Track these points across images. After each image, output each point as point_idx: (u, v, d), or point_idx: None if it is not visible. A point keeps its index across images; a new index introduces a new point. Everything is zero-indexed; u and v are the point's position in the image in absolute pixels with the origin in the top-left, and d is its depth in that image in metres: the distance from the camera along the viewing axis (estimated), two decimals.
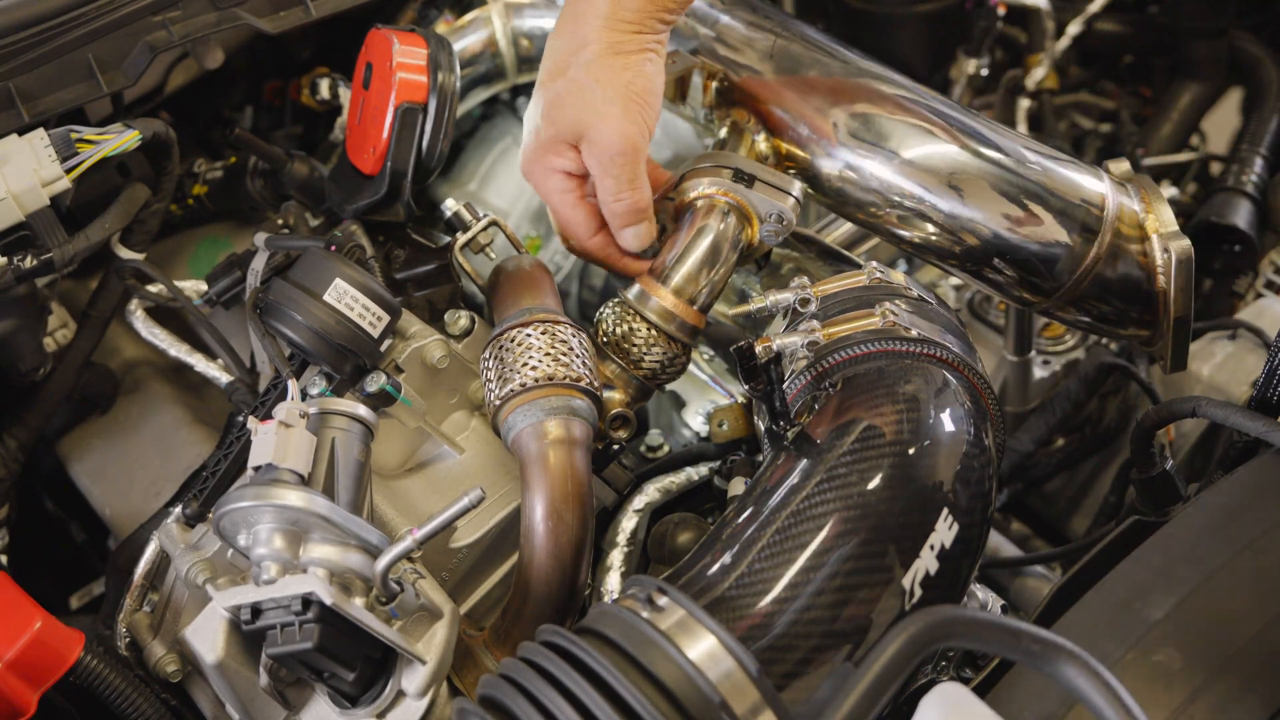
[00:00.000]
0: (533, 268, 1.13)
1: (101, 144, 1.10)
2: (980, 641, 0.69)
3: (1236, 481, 0.98)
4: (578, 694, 0.73)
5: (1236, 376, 1.60)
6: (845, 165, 1.15)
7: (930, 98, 1.15)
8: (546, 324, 1.01)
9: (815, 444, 0.92)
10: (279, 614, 0.86)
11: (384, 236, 1.20)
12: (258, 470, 0.90)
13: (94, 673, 0.96)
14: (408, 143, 1.13)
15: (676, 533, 1.11)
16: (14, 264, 1.08)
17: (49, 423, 1.28)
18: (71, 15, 1.17)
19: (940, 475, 0.90)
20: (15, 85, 1.15)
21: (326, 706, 0.93)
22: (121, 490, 1.26)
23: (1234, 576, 0.87)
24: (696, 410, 1.44)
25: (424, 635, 0.90)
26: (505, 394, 0.98)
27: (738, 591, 0.83)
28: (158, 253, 1.40)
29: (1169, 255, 1.08)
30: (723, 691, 0.72)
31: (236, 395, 1.18)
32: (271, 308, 1.02)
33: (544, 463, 0.95)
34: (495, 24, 1.45)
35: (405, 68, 1.12)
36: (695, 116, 1.31)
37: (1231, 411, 1.01)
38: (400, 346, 1.07)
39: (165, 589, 1.02)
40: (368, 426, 0.97)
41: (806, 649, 0.81)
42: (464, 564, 1.04)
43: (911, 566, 0.85)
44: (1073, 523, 1.77)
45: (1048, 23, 2.13)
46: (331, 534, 0.87)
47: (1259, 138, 1.99)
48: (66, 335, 1.30)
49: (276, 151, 1.33)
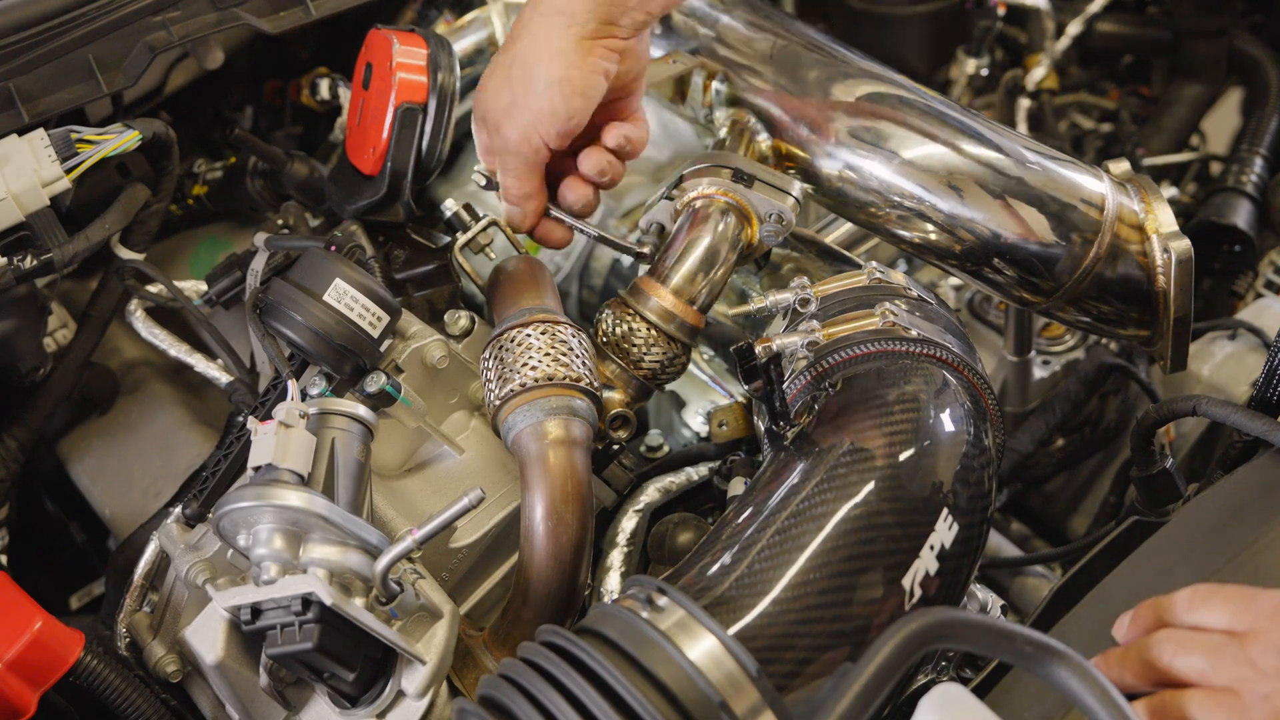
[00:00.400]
0: (533, 268, 1.13)
1: (101, 144, 1.10)
2: (974, 643, 0.69)
3: (1236, 481, 0.98)
4: (577, 694, 0.73)
5: (1236, 376, 1.60)
6: (845, 165, 1.15)
7: (930, 98, 1.15)
8: (546, 324, 1.01)
9: (815, 444, 0.92)
10: (279, 614, 0.86)
11: (384, 236, 1.20)
12: (258, 470, 0.90)
13: (94, 673, 0.96)
14: (407, 143, 1.13)
15: (676, 533, 1.11)
16: (14, 264, 1.08)
17: (49, 423, 1.28)
18: (71, 15, 1.17)
19: (940, 475, 0.89)
20: (15, 85, 1.15)
21: (326, 707, 0.93)
22: (121, 490, 1.26)
23: (1234, 577, 0.87)
24: (696, 410, 1.44)
25: (424, 635, 0.90)
26: (505, 394, 0.98)
27: (737, 592, 0.83)
28: (158, 253, 1.40)
29: (1169, 255, 1.08)
30: (722, 692, 0.72)
31: (236, 395, 1.18)
32: (271, 308, 1.02)
33: (544, 463, 0.95)
34: (495, 24, 1.45)
35: (405, 68, 1.12)
36: (695, 116, 1.31)
37: (1231, 411, 1.01)
38: (400, 346, 1.07)
39: (165, 589, 1.02)
40: (368, 426, 0.97)
41: (806, 649, 0.81)
42: (464, 564, 1.04)
43: (911, 567, 0.85)
44: (1073, 523, 1.76)
45: (1048, 23, 2.13)
46: (331, 534, 0.87)
47: (1259, 138, 1.99)
48: (66, 335, 1.31)
49: (276, 152, 1.33)
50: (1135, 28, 2.22)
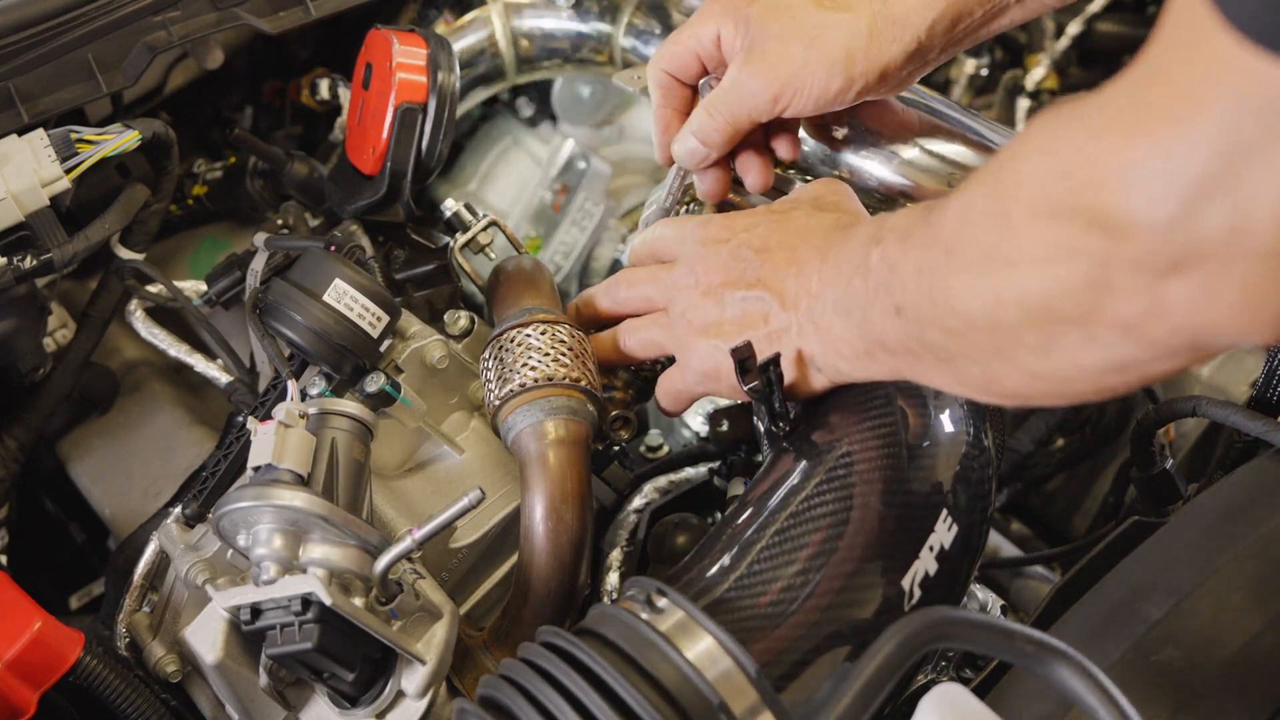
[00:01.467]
0: (533, 268, 1.13)
1: (101, 144, 1.10)
2: (974, 643, 0.69)
3: (1236, 481, 0.98)
4: (577, 694, 0.73)
5: (1236, 376, 1.60)
6: (844, 165, 1.14)
7: (929, 98, 1.15)
8: (546, 324, 1.01)
9: (814, 444, 0.92)
10: (279, 614, 0.86)
11: (384, 236, 1.20)
12: (257, 470, 0.90)
13: (94, 673, 0.95)
14: (407, 143, 1.13)
15: (676, 533, 1.11)
16: (14, 264, 1.07)
17: (49, 423, 1.28)
18: (71, 15, 1.17)
19: (939, 476, 0.89)
20: (15, 85, 1.15)
21: (326, 707, 0.93)
22: (121, 490, 1.26)
23: (1234, 577, 0.87)
24: (696, 410, 1.43)
25: (424, 635, 0.90)
26: (505, 394, 0.98)
27: (737, 593, 0.83)
28: (158, 253, 1.39)
29: None
30: (722, 692, 0.72)
31: (236, 395, 1.18)
32: (271, 308, 1.02)
33: (544, 463, 0.95)
34: (495, 24, 1.44)
35: (405, 68, 1.12)
36: None
37: (1231, 411, 1.01)
38: (400, 347, 1.07)
39: (165, 589, 1.02)
40: (367, 427, 0.97)
41: (805, 650, 0.81)
42: (464, 564, 1.04)
43: (911, 567, 0.85)
44: (1073, 523, 1.76)
45: (1048, 23, 2.13)
46: (331, 534, 0.87)
47: None
48: (66, 335, 1.30)
49: (276, 151, 1.33)
50: (1135, 28, 2.21)
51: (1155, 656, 0.83)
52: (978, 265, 0.70)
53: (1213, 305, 0.59)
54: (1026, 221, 0.65)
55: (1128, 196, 0.59)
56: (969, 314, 0.71)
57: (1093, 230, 0.61)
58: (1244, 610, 0.85)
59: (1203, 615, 0.85)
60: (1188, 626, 0.84)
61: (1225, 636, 0.84)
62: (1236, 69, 0.53)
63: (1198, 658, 0.82)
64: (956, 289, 0.72)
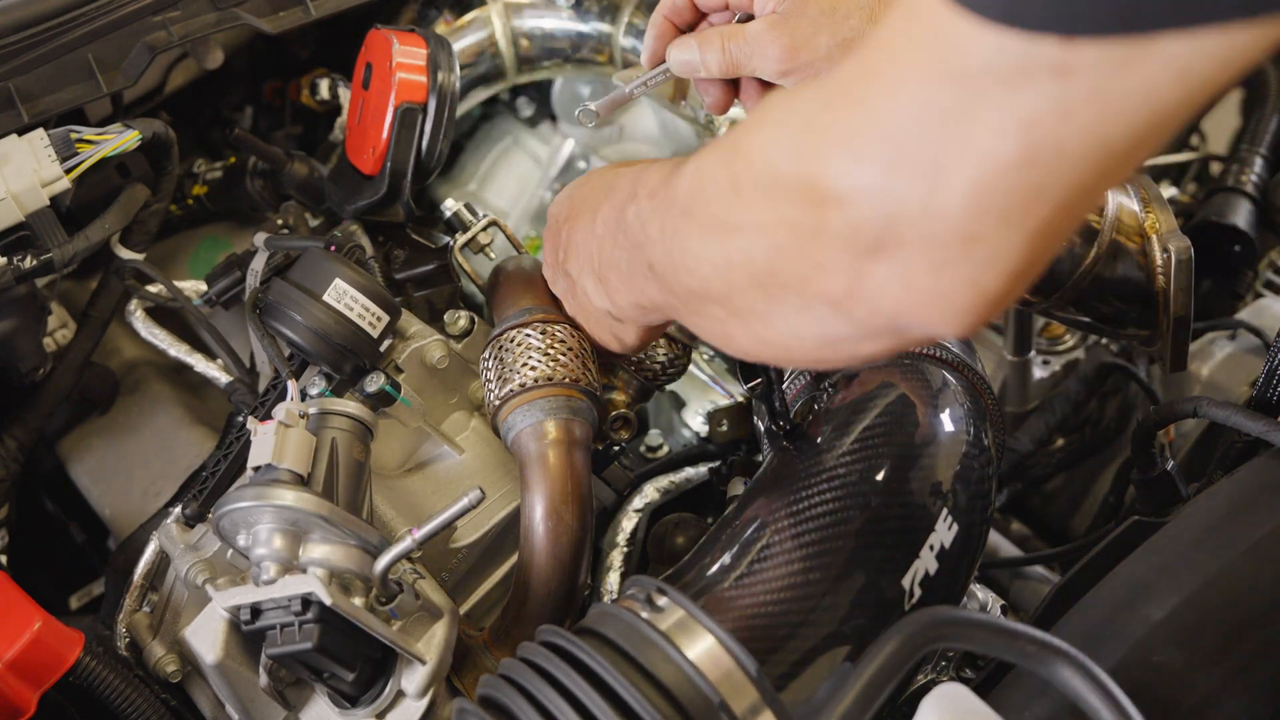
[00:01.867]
0: (533, 268, 1.13)
1: (101, 144, 1.10)
2: (976, 642, 0.69)
3: (1236, 481, 0.98)
4: (577, 694, 0.73)
5: (1236, 376, 1.60)
6: None
7: None
8: (546, 324, 1.01)
9: (814, 444, 0.92)
10: (279, 614, 0.86)
11: (384, 236, 1.20)
12: (257, 470, 0.90)
13: (94, 673, 0.95)
14: (407, 143, 1.13)
15: (676, 533, 1.11)
16: (14, 264, 1.07)
17: (49, 423, 1.28)
18: (71, 15, 1.17)
19: (940, 475, 0.89)
20: (15, 85, 1.15)
21: (326, 707, 0.93)
22: (121, 490, 1.26)
23: (1234, 576, 0.87)
24: (696, 410, 1.43)
25: (424, 635, 0.90)
26: (505, 394, 0.98)
27: (737, 592, 0.83)
28: (158, 253, 1.39)
29: (1169, 255, 1.08)
30: (722, 692, 0.72)
31: (236, 395, 1.18)
32: (271, 308, 1.02)
33: (544, 463, 0.95)
34: (495, 24, 1.44)
35: (405, 68, 1.12)
36: (695, 116, 1.31)
37: (1231, 411, 1.01)
38: (400, 346, 1.07)
39: (165, 589, 1.02)
40: (367, 426, 0.97)
41: (805, 649, 0.81)
42: (464, 564, 1.04)
43: (911, 567, 0.85)
44: (1073, 523, 1.76)
45: None
46: (331, 534, 0.87)
47: (1259, 138, 1.99)
48: (66, 335, 1.30)
49: (276, 151, 1.33)
50: None
51: (1155, 656, 0.82)
52: (710, 229, 0.71)
53: (907, 292, 0.59)
54: (752, 190, 0.65)
55: (836, 165, 0.59)
56: (704, 275, 0.73)
57: (808, 202, 0.61)
58: (1245, 610, 0.85)
59: (1204, 615, 0.85)
60: (1189, 627, 0.84)
61: (1227, 637, 0.84)
62: (940, 35, 0.52)
63: (1199, 658, 0.82)
64: (693, 249, 0.73)
